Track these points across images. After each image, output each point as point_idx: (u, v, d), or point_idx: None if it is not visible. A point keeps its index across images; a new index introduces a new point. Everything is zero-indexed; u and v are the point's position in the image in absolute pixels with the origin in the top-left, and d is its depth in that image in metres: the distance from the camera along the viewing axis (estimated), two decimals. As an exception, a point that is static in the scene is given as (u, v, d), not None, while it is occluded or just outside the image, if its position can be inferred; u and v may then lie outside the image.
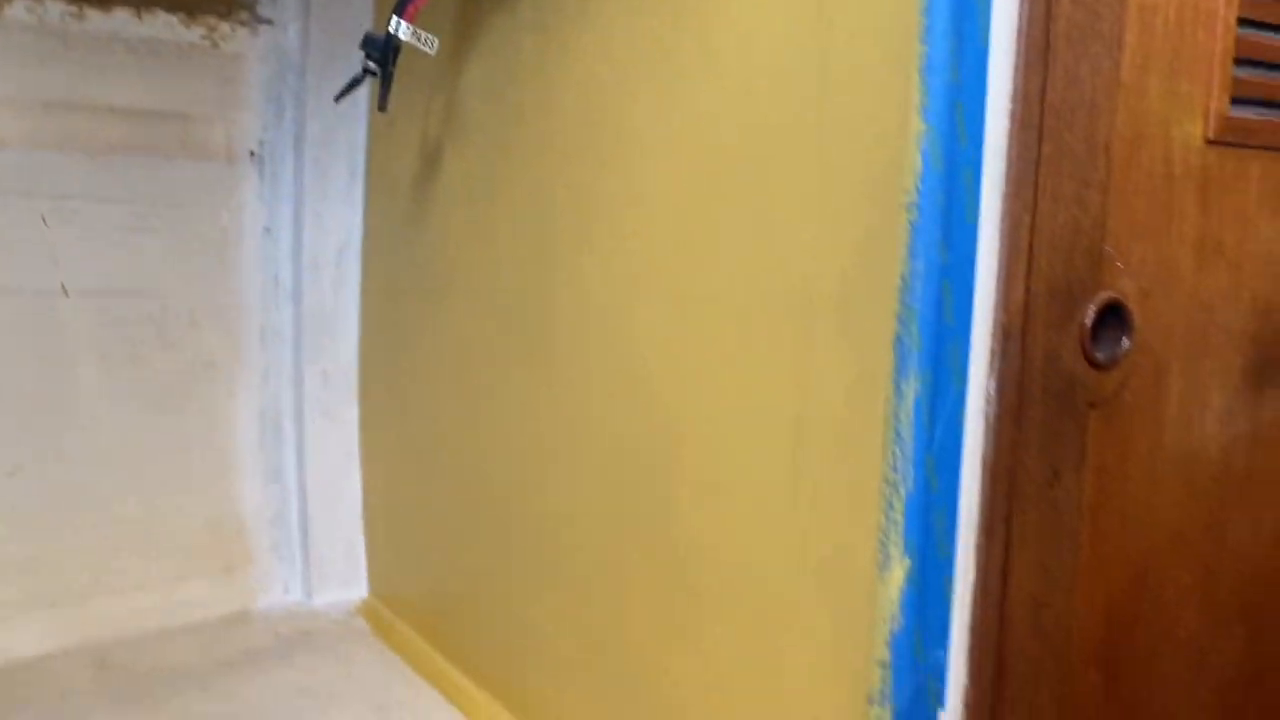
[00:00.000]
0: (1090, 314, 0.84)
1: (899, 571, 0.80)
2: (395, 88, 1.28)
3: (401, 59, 1.25)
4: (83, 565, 1.53)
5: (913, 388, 0.78)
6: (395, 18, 1.16)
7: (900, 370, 0.78)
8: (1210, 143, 0.90)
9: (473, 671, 1.41)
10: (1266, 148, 0.94)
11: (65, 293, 1.49)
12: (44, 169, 1.44)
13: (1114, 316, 0.86)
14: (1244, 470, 0.98)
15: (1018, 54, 0.78)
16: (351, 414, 1.71)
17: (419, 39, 1.17)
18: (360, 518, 1.72)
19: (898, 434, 0.79)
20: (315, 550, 1.69)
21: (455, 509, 1.45)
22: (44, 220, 1.46)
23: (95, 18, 1.43)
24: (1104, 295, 0.85)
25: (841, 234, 0.82)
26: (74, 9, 1.41)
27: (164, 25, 1.48)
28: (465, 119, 1.36)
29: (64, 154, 1.45)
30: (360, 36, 1.25)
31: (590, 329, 1.14)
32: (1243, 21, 0.90)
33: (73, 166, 1.46)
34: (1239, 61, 0.90)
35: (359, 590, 1.73)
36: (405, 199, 1.53)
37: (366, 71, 1.20)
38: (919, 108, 0.75)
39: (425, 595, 1.56)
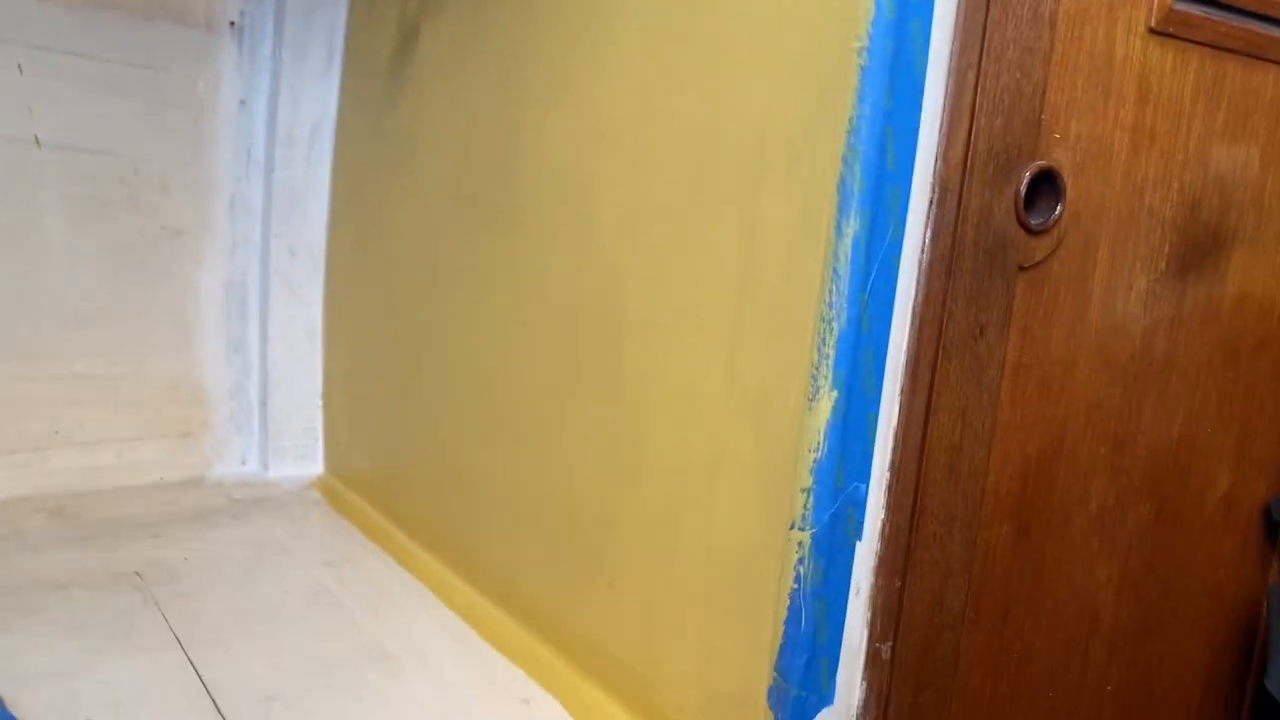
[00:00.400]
0: (1025, 178, 0.88)
1: (826, 403, 0.84)
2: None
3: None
4: (41, 414, 1.55)
5: (852, 228, 0.82)
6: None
7: (842, 211, 0.82)
8: (1153, 31, 0.94)
9: (421, 536, 1.45)
10: (1206, 44, 0.98)
11: (38, 144, 1.50)
12: (21, 17, 1.45)
13: (1048, 185, 0.91)
14: (1163, 354, 1.03)
15: (973, -86, 0.81)
16: (316, 292, 1.74)
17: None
18: (320, 395, 1.75)
19: (835, 272, 0.83)
20: (273, 424, 1.73)
21: (412, 383, 1.49)
22: (19, 69, 1.46)
23: None
24: (1040, 163, 0.89)
25: (795, 78, 0.86)
26: None
27: (150, -118, 1.48)
28: (445, -7, 1.38)
29: (42, 3, 1.46)
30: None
31: (551, 190, 1.18)
32: (1193, -83, 0.94)
33: (51, 16, 1.47)
34: (1186, -44, 0.94)
35: (315, 467, 1.76)
36: (381, 78, 1.55)
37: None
38: (875, -44, 0.79)
39: (379, 470, 1.59)
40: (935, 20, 0.82)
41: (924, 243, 0.85)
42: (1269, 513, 1.15)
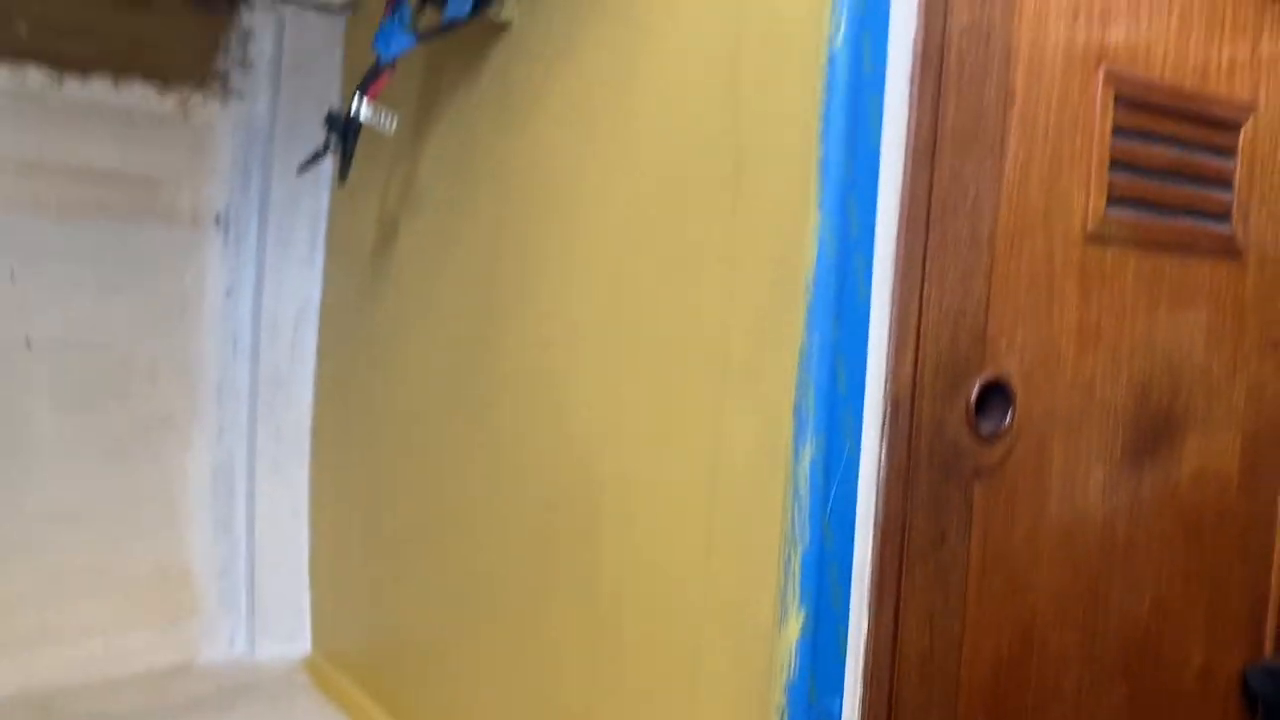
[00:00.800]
0: (974, 390, 0.92)
1: (795, 623, 0.86)
2: (357, 160, 1.36)
3: (363, 134, 1.33)
4: (29, 611, 1.56)
5: (809, 451, 0.86)
6: (358, 95, 1.24)
7: (799, 434, 0.86)
8: (1089, 238, 0.99)
9: (408, 724, 1.45)
10: (1142, 244, 1.03)
11: (29, 345, 1.54)
12: (15, 228, 1.51)
13: (998, 393, 0.94)
14: (1125, 539, 1.06)
15: (906, 156, 0.87)
16: (302, 472, 1.76)
17: (378, 118, 1.25)
18: (306, 573, 1.76)
19: (796, 493, 0.86)
20: (261, 603, 1.73)
21: (396, 565, 1.50)
22: (12, 275, 1.51)
23: (74, 86, 1.51)
24: (988, 373, 0.93)
25: (749, 306, 0.90)
26: (54, 76, 1.49)
27: (140, 95, 1.56)
28: (422, 190, 1.44)
29: (35, 214, 1.52)
30: (326, 109, 1.34)
31: (527, 385, 1.21)
32: (1117, 130, 1.00)
33: (44, 226, 1.53)
34: (1114, 165, 1.00)
35: (303, 645, 1.76)
36: (363, 265, 1.60)
37: (327, 147, 1.28)
38: (816, 200, 0.84)
39: (366, 650, 1.60)
40: (876, 252, 0.87)
41: (880, 458, 0.89)
42: (1245, 682, 1.16)
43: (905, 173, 0.87)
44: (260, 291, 1.69)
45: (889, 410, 0.88)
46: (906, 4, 0.86)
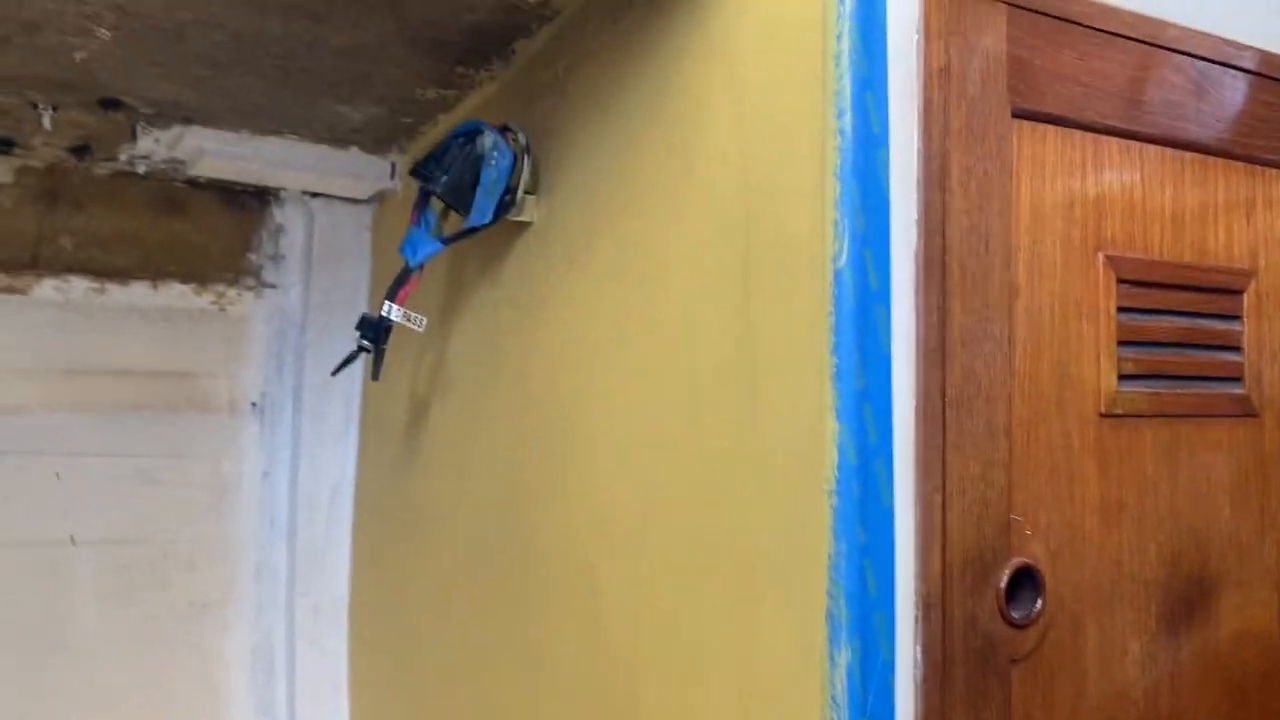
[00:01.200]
0: (1004, 578, 0.93)
1: (841, 831, 0.86)
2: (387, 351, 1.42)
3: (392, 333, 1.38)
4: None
5: (844, 656, 0.87)
6: (388, 302, 1.30)
7: (833, 640, 0.87)
8: (1105, 415, 1.01)
9: None
10: (1157, 414, 1.05)
11: (73, 543, 1.58)
12: (59, 429, 1.56)
13: (1027, 579, 0.95)
14: (1169, 711, 1.05)
15: (917, 359, 0.90)
16: (342, 645, 1.77)
17: (410, 319, 1.30)
18: (348, 750, 1.76)
19: (833, 699, 0.87)
20: (304, 784, 1.73)
21: (440, 746, 1.50)
22: (57, 476, 1.56)
23: (115, 291, 1.59)
24: (1015, 561, 0.94)
25: (776, 516, 0.92)
26: (97, 285, 1.56)
27: (178, 294, 1.63)
28: (449, 378, 1.49)
29: (78, 414, 1.58)
30: (354, 295, 1.40)
31: (557, 572, 1.23)
32: (1121, 309, 1.03)
33: (86, 425, 1.58)
34: (1122, 343, 1.03)
35: (345, 826, 1.75)
36: (395, 445, 1.64)
37: (361, 349, 1.33)
38: (833, 409, 0.87)
39: (410, 833, 1.58)
40: (895, 454, 0.89)
41: (915, 658, 0.89)
42: (1310, 847, 1.14)
43: (918, 376, 0.90)
44: (296, 471, 1.73)
45: (921, 609, 0.89)
46: (905, 218, 0.90)
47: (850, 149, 0.89)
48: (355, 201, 1.73)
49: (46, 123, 1.39)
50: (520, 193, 1.26)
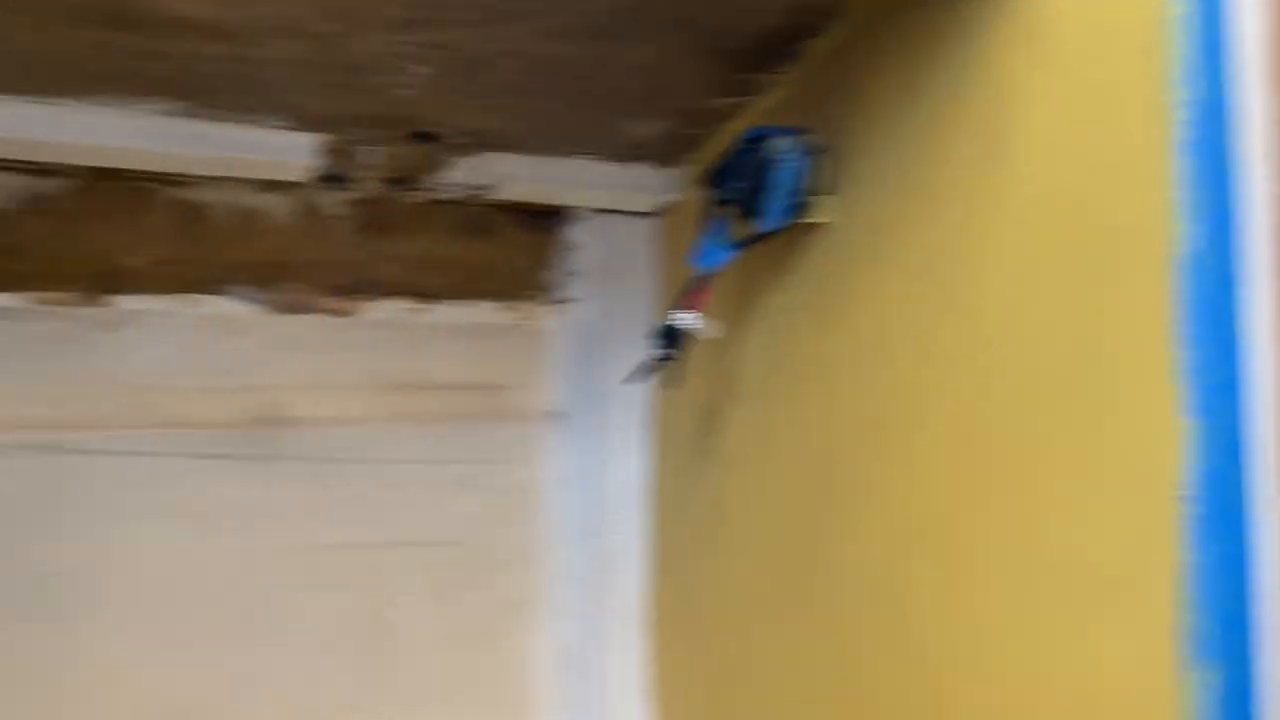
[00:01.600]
0: (1394, 597, 0.82)
1: None
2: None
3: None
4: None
5: (1196, 676, 0.79)
6: (685, 311, 1.31)
7: (1186, 657, 0.79)
8: None
9: None
10: None
11: (392, 545, 1.71)
12: (381, 441, 1.70)
13: None
14: None
15: (1277, 351, 0.81)
16: (640, 647, 1.82)
17: (708, 326, 1.32)
18: (651, 753, 1.80)
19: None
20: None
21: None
22: (382, 482, 1.70)
23: (429, 310, 1.71)
24: None
25: (1116, 525, 0.85)
26: (413, 306, 1.69)
27: (485, 311, 1.74)
28: (742, 386, 1.49)
29: (396, 427, 1.71)
30: (641, 306, 1.43)
31: (867, 583, 1.20)
32: None
33: (403, 437, 1.71)
34: None
35: (653, 828, 1.79)
36: (687, 451, 1.67)
37: (665, 357, 1.36)
38: (1182, 408, 0.80)
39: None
40: (1255, 456, 0.80)
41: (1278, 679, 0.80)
42: None
43: (1278, 368, 0.80)
44: (596, 477, 1.79)
45: (1291, 627, 0.80)
46: (1258, 194, 0.81)
47: (1192, 121, 0.81)
48: (642, 215, 1.78)
49: (371, 158, 1.52)
50: (813, 194, 1.25)
